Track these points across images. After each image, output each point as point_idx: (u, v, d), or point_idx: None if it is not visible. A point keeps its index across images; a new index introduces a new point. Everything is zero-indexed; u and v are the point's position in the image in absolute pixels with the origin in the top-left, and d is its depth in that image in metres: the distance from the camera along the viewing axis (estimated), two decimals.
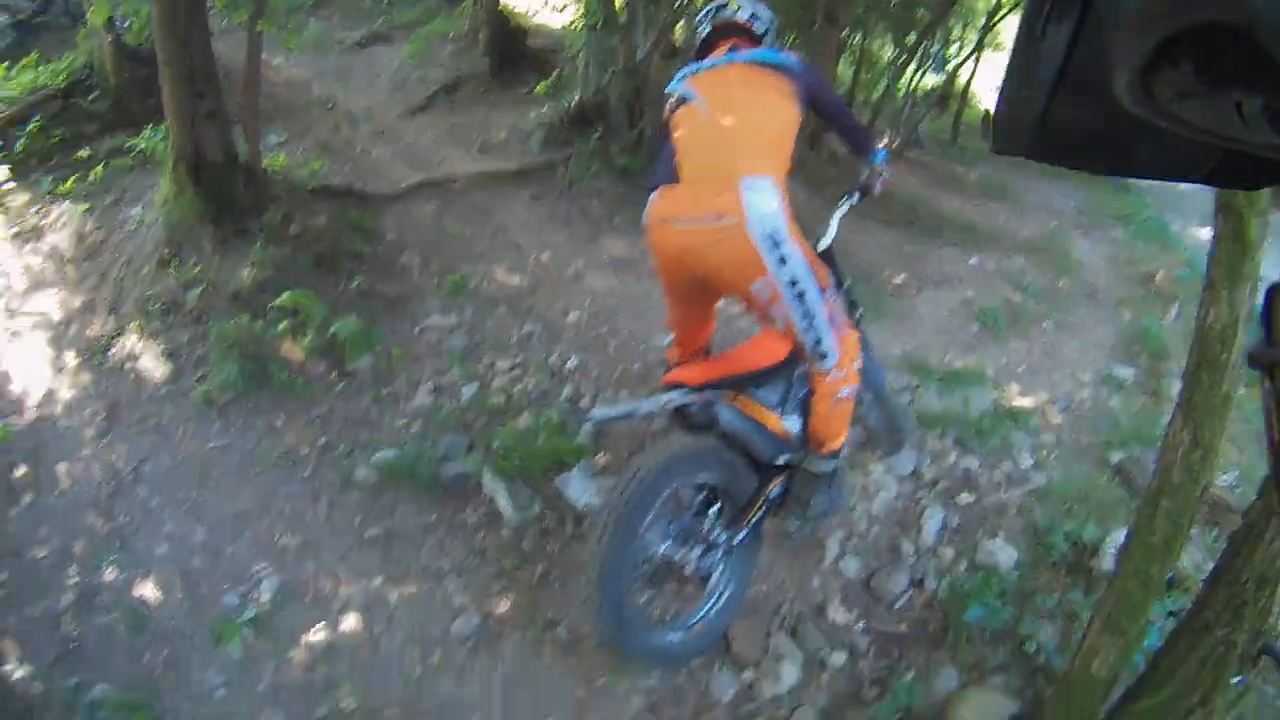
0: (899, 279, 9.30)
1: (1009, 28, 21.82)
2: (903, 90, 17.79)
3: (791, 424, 4.26)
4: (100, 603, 5.00)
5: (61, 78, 10.03)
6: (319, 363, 6.68)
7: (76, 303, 7.42)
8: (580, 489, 5.50)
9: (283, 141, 9.84)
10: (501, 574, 5.12)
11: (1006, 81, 0.85)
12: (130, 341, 6.92)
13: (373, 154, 9.74)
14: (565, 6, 10.47)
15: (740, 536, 4.24)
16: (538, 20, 12.96)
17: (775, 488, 4.29)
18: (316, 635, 4.85)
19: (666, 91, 4.21)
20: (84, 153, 9.22)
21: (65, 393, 6.59)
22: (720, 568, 4.30)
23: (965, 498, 5.66)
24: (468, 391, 6.54)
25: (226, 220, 7.55)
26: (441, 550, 5.31)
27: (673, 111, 4.08)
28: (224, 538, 5.42)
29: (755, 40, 4.31)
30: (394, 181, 9.09)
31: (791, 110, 3.96)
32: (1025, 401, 6.89)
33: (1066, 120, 0.82)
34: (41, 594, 5.05)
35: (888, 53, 19.01)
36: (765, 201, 3.60)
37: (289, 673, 4.67)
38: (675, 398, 3.95)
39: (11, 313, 7.36)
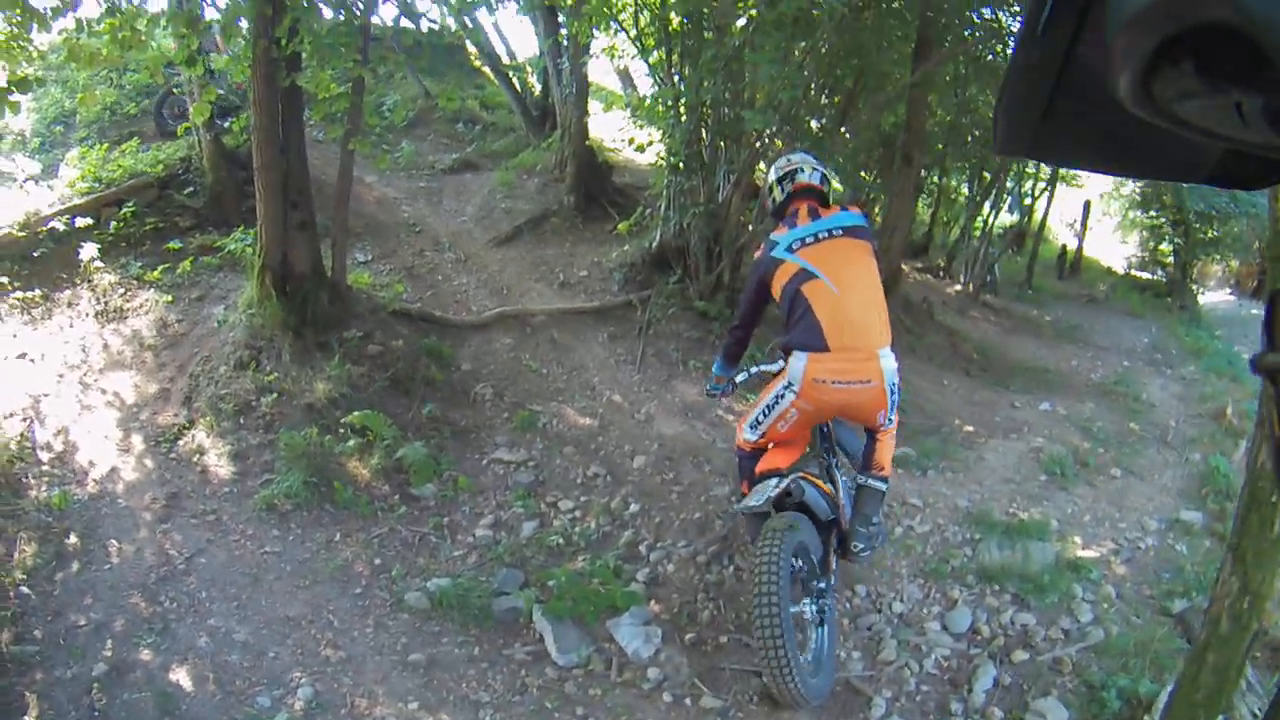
0: (969, 428, 9.20)
1: None
2: (979, 230, 17.73)
3: (834, 490, 5.35)
4: (132, 680, 5.00)
5: (160, 168, 10.47)
6: (384, 484, 6.77)
7: (151, 389, 7.60)
8: (631, 635, 5.48)
9: (369, 260, 10.10)
10: (542, 713, 5.05)
11: (1008, 82, 0.85)
12: (200, 436, 7.05)
13: (455, 281, 9.93)
14: (650, 144, 10.74)
15: (831, 580, 5.27)
16: (625, 155, 13.23)
17: (835, 537, 5.32)
18: None
19: (774, 256, 5.15)
20: (175, 244, 9.55)
21: (129, 473, 6.70)
22: (825, 609, 5.15)
23: (1020, 655, 5.50)
24: (528, 528, 6.57)
25: (307, 332, 7.77)
26: (483, 683, 5.26)
27: (799, 283, 5.00)
28: (267, 640, 5.42)
29: (825, 199, 5.37)
30: (474, 311, 9.29)
31: (877, 268, 5.22)
32: (1089, 553, 6.73)
33: (1067, 120, 0.84)
34: (75, 660, 5.08)
35: (965, 191, 19.04)
36: (891, 366, 4.97)
37: None
38: (781, 482, 5.04)
39: (85, 386, 7.54)
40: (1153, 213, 21.75)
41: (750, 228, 10.16)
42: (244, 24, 7.94)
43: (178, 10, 7.48)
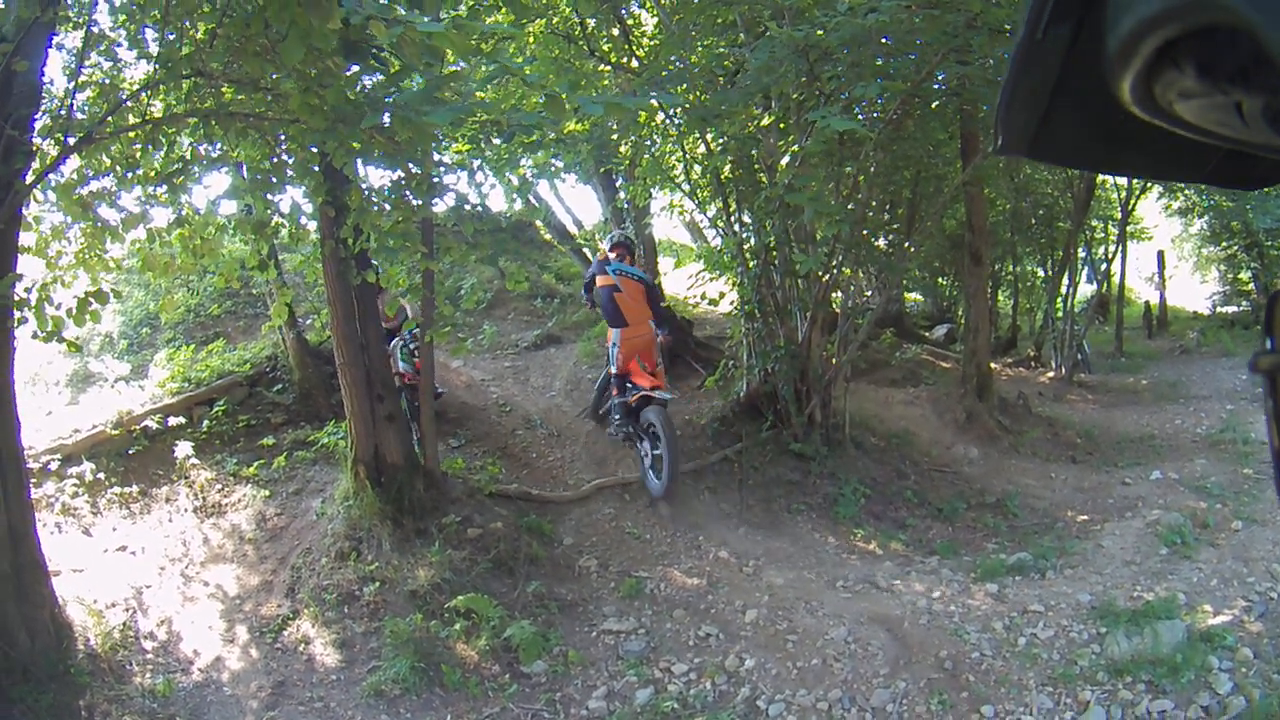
0: (1082, 517, 8.97)
1: (1148, 210, 21.59)
2: (1060, 310, 17.48)
3: None
4: None
5: (247, 366, 10.83)
6: (492, 664, 6.63)
7: (253, 581, 7.65)
8: None
9: (461, 444, 10.21)
10: None
11: (1008, 83, 0.84)
12: (304, 626, 7.03)
13: (551, 457, 10.01)
14: (723, 296, 10.92)
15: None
16: (704, 308, 13.44)
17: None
18: None
19: (606, 269, 9.54)
20: (268, 440, 9.78)
21: (234, 662, 6.67)
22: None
23: None
24: (642, 695, 6.37)
25: (405, 520, 7.82)
26: None
27: (611, 292, 9.46)
28: None
29: (631, 252, 9.96)
30: (572, 484, 9.33)
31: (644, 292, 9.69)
32: (1220, 618, 6.48)
33: (1068, 121, 0.84)
34: None
35: (1040, 273, 18.93)
36: (652, 330, 9.59)
37: None
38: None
39: (187, 579, 7.62)
40: (1224, 244, 21.62)
41: (834, 361, 10.25)
42: (310, 226, 8.36)
43: (244, 217, 7.85)
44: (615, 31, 11.39)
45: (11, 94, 5.93)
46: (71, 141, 6.32)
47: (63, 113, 6.90)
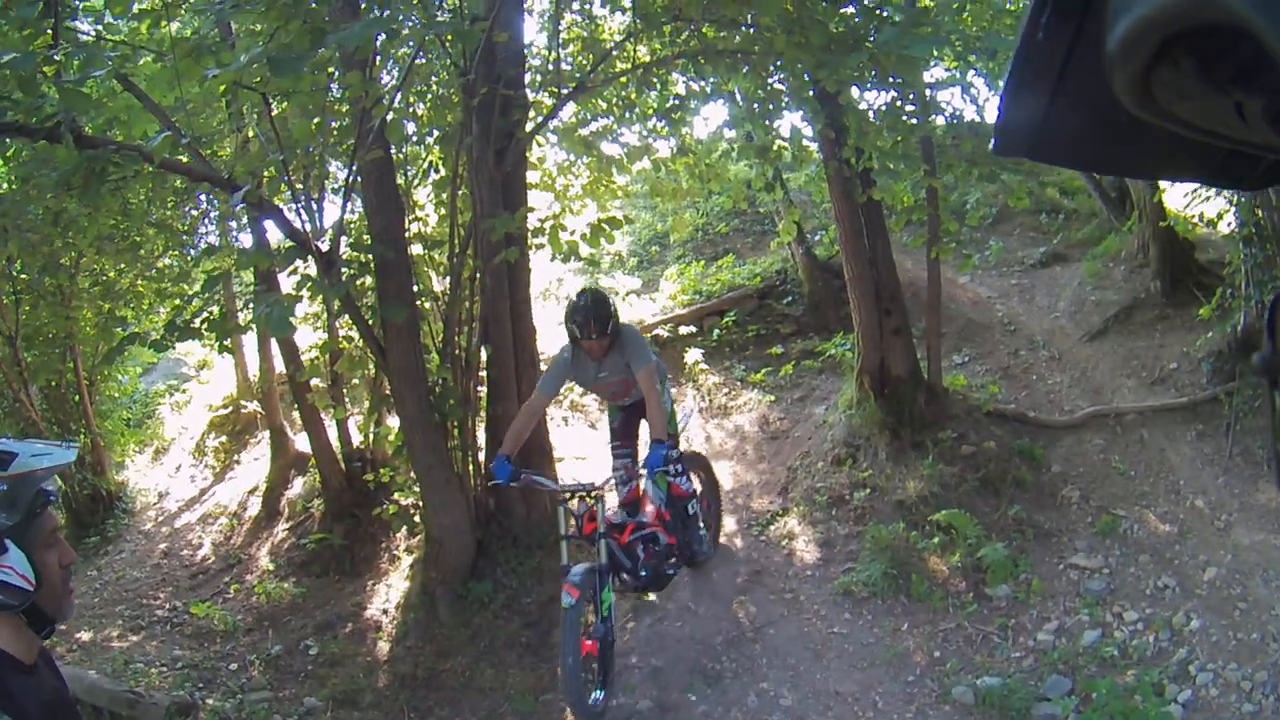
0: None
1: None
2: None
3: None
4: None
5: (757, 279, 11.69)
6: (960, 581, 6.93)
7: (750, 478, 8.54)
8: None
9: (965, 361, 10.28)
10: None
11: (1008, 83, 0.82)
12: (791, 523, 7.82)
13: (1050, 380, 9.76)
14: (1222, 216, 9.70)
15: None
16: (1202, 229, 12.26)
17: None
18: None
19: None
20: (776, 349, 10.64)
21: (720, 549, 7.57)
22: None
23: None
24: (1089, 636, 6.33)
25: (903, 432, 8.18)
26: None
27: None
28: (810, 709, 5.91)
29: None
30: (1067, 410, 9.10)
31: None
32: None
33: (1068, 121, 0.81)
34: (626, 694, 6.16)
35: None
36: None
37: None
38: None
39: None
40: None
41: None
42: (813, 147, 8.55)
43: (747, 143, 8.18)
44: None
45: (497, 60, 6.92)
46: (564, 92, 7.15)
47: (550, 68, 7.79)
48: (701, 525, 6.88)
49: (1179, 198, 11.68)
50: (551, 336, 9.07)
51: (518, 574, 7.24)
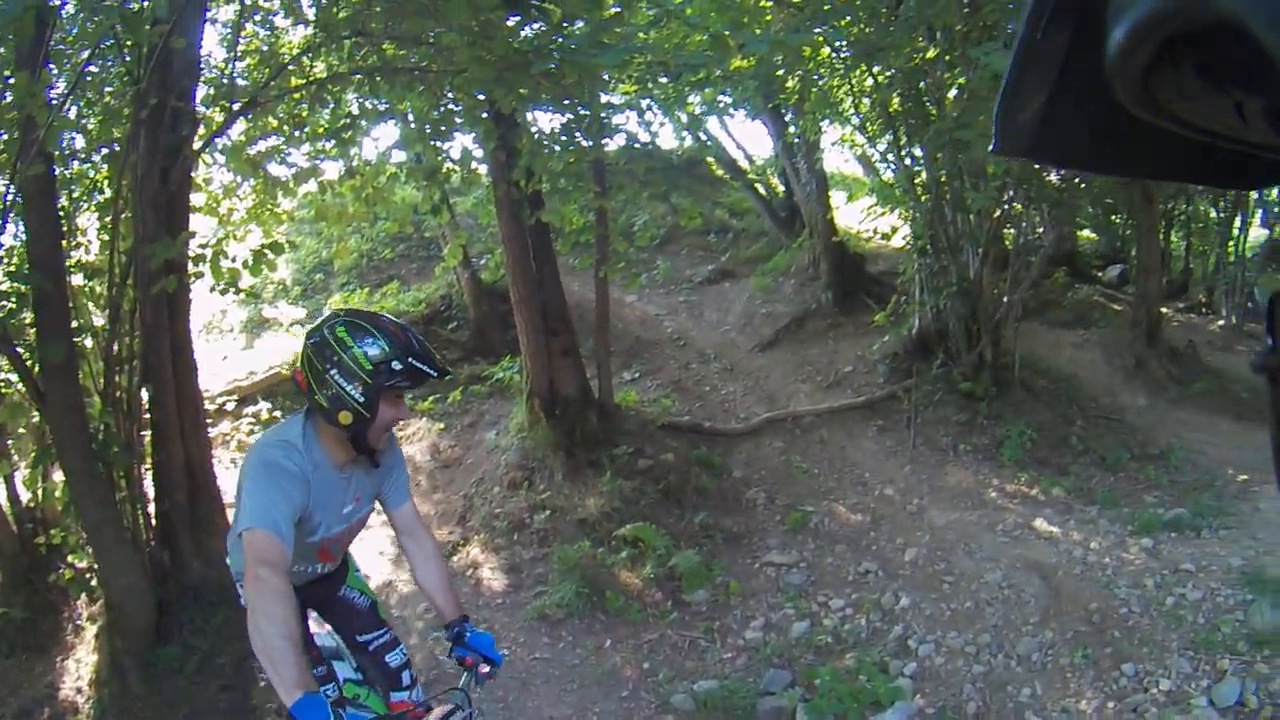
0: (1242, 477, 8.59)
1: None
2: (1232, 254, 16.36)
3: None
4: None
5: (422, 306, 11.40)
6: (655, 591, 6.90)
7: (426, 509, 8.08)
8: None
9: (636, 377, 10.47)
10: None
11: (1008, 83, 0.82)
12: (475, 552, 7.47)
13: (723, 390, 10.15)
14: (896, 230, 10.68)
15: None
16: (877, 242, 13.22)
17: None
18: None
19: None
20: None
21: (402, 586, 7.24)
22: None
23: None
24: (799, 628, 6.51)
25: (578, 451, 8.14)
26: None
27: None
28: None
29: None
30: (743, 418, 9.45)
31: None
32: None
33: (1067, 121, 0.82)
34: None
35: (1214, 214, 17.79)
36: None
37: None
38: None
39: None
40: None
41: (1005, 300, 10.01)
42: (483, 170, 8.56)
43: (416, 165, 8.08)
44: None
45: (172, 69, 6.29)
46: (236, 107, 6.71)
47: (225, 80, 7.32)
48: None
49: (853, 215, 12.59)
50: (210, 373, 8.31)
51: (205, 633, 6.46)
